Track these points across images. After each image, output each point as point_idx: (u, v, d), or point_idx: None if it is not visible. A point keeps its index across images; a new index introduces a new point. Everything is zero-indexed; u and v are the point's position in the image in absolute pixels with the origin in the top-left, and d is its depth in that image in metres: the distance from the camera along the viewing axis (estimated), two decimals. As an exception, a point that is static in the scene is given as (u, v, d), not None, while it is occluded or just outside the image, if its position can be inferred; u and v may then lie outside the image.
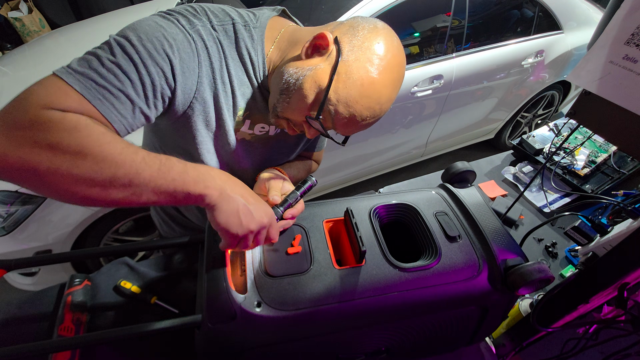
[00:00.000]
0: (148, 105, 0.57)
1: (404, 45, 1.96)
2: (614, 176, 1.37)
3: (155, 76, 0.56)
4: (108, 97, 0.51)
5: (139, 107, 0.56)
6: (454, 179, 0.87)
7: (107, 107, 0.51)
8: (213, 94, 0.67)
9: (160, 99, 0.58)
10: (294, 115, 0.66)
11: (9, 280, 1.64)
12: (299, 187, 0.70)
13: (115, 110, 0.52)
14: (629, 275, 0.63)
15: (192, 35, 0.60)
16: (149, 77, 0.55)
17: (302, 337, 0.61)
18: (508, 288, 0.66)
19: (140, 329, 0.57)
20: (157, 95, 0.58)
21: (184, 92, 0.62)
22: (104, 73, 0.51)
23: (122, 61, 0.53)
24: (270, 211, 0.61)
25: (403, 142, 2.31)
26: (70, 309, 0.78)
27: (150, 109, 0.58)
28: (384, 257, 0.66)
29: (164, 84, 0.57)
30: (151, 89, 0.56)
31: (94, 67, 0.51)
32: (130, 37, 0.54)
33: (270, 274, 0.62)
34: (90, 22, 2.37)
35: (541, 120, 3.00)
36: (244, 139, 0.78)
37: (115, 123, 0.53)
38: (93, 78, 0.51)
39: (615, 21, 0.55)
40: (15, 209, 1.41)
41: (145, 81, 0.55)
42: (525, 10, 2.31)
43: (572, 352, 0.84)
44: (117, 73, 0.52)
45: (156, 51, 0.55)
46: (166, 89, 0.58)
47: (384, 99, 0.63)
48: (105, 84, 0.51)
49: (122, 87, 0.52)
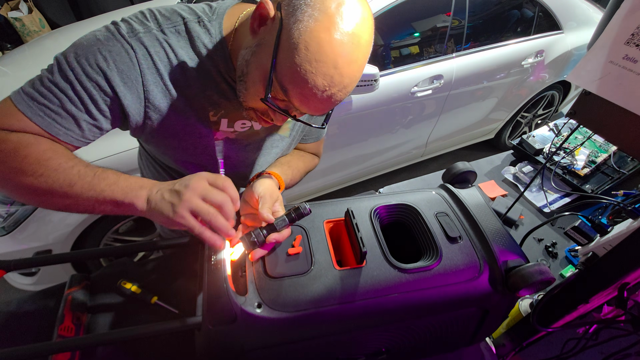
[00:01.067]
0: (93, 118, 0.60)
1: (404, 45, 1.97)
2: (614, 176, 1.37)
3: (92, 90, 0.58)
4: (48, 113, 0.56)
5: (84, 120, 0.59)
6: (455, 180, 0.87)
7: (48, 123, 0.57)
8: (169, 101, 0.65)
9: (105, 109, 0.60)
10: (255, 102, 0.61)
11: (9, 280, 1.64)
12: (290, 214, 0.64)
13: (58, 125, 0.57)
14: (629, 275, 0.63)
15: (131, 44, 0.59)
16: (85, 91, 0.57)
17: (303, 339, 0.61)
18: (509, 289, 0.66)
19: (141, 329, 0.57)
20: (100, 107, 0.60)
21: (132, 102, 0.62)
22: (44, 92, 0.56)
23: (59, 79, 0.56)
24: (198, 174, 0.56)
25: (403, 142, 2.31)
26: (70, 309, 0.78)
27: (98, 120, 0.61)
28: (384, 258, 0.66)
29: (103, 95, 0.59)
30: (90, 102, 0.58)
31: (36, 88, 0.56)
32: (68, 55, 0.57)
33: (271, 275, 0.62)
34: (90, 22, 2.37)
35: (541, 120, 3.00)
36: (228, 137, 0.74)
37: (61, 137, 0.58)
38: (35, 97, 0.56)
39: (615, 21, 0.55)
40: (15, 209, 1.41)
41: (82, 96, 0.57)
42: (525, 10, 2.31)
43: (572, 352, 0.84)
44: (54, 91, 0.56)
45: (90, 66, 0.57)
46: (107, 100, 0.60)
47: (341, 62, 0.52)
48: (45, 102, 0.56)
49: (60, 104, 0.57)
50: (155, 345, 0.78)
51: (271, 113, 0.63)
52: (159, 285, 0.89)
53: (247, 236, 0.63)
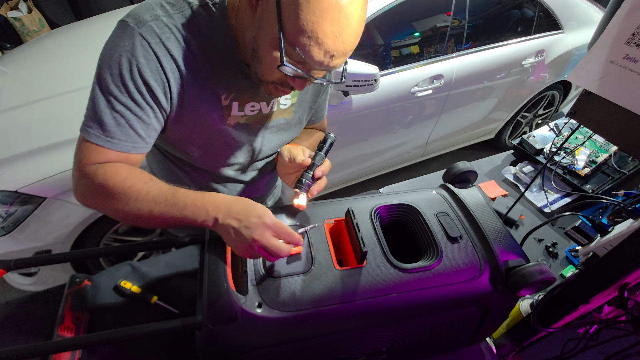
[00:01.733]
0: (145, 122, 0.65)
1: (404, 45, 1.97)
2: (615, 176, 1.37)
3: (134, 97, 0.62)
4: (113, 136, 0.63)
5: (140, 129, 0.65)
6: (455, 179, 0.86)
7: (117, 145, 0.64)
8: (183, 88, 0.67)
9: (148, 108, 0.64)
10: (272, 73, 0.62)
11: (8, 280, 1.64)
12: (322, 147, 0.74)
13: (125, 143, 0.64)
14: (630, 275, 0.63)
15: (143, 35, 0.60)
16: (128, 103, 0.62)
17: (303, 338, 0.61)
18: (509, 289, 0.66)
19: (141, 329, 0.57)
20: (145, 110, 0.64)
21: (162, 91, 0.65)
22: (100, 119, 0.62)
23: (103, 103, 0.61)
24: (263, 220, 0.60)
25: (403, 142, 2.31)
26: (70, 309, 0.78)
27: (149, 123, 0.66)
28: (385, 257, 0.66)
29: (142, 98, 0.63)
30: (137, 108, 0.63)
31: (94, 118, 0.62)
32: (101, 74, 0.61)
33: (271, 275, 0.61)
34: (90, 22, 2.37)
35: (541, 120, 3.00)
36: (239, 123, 0.76)
37: (131, 151, 0.65)
38: (97, 127, 0.62)
39: (615, 21, 0.55)
40: (15, 209, 1.41)
41: (130, 106, 0.62)
42: (525, 10, 2.30)
43: (572, 353, 0.83)
44: (106, 115, 0.62)
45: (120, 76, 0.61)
46: (148, 98, 0.63)
47: (343, 3, 0.53)
48: (106, 127, 0.62)
49: (116, 123, 0.62)
50: (155, 345, 0.78)
51: (290, 80, 0.63)
52: (159, 285, 0.89)
53: (298, 184, 0.72)
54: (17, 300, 0.84)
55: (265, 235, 0.58)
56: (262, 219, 0.59)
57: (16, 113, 1.59)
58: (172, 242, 0.75)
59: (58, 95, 1.65)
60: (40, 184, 1.38)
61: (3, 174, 1.40)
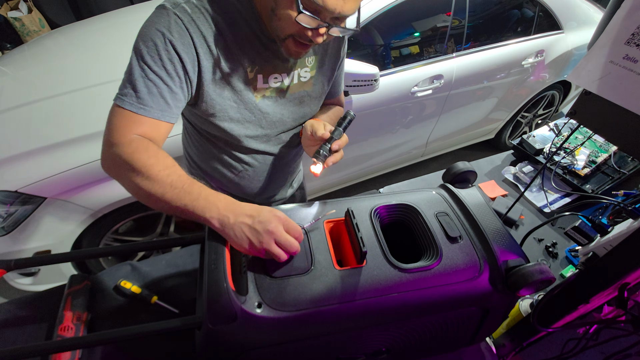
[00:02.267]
0: (173, 90, 0.70)
1: (404, 45, 1.97)
2: (615, 176, 1.37)
3: (166, 66, 0.68)
4: (145, 103, 0.68)
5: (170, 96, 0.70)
6: (455, 179, 0.86)
7: (148, 111, 0.68)
8: (214, 63, 0.73)
9: (177, 79, 0.70)
10: (289, 26, 0.68)
11: (8, 280, 1.64)
12: (341, 123, 0.83)
13: (156, 110, 0.69)
14: (630, 275, 0.63)
15: (176, 13, 0.67)
16: (160, 70, 0.68)
17: (303, 338, 0.61)
18: (509, 289, 0.66)
19: (140, 329, 0.57)
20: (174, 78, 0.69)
21: (191, 67, 0.71)
22: (136, 85, 0.67)
23: (137, 70, 0.67)
24: (275, 214, 0.62)
25: (403, 142, 2.31)
26: (70, 309, 0.78)
27: (178, 88, 0.71)
28: (384, 257, 0.66)
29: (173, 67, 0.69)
30: (169, 78, 0.69)
31: (129, 85, 0.67)
32: (137, 46, 0.68)
33: (271, 275, 0.61)
34: (90, 22, 2.37)
35: (541, 120, 3.00)
36: (264, 95, 0.83)
37: (161, 119, 0.70)
38: (132, 94, 0.67)
39: (615, 21, 0.55)
40: (15, 209, 1.41)
41: (162, 75, 0.68)
42: (525, 10, 2.30)
43: (572, 353, 0.83)
44: (139, 82, 0.67)
45: (155, 46, 0.67)
46: (178, 69, 0.69)
47: None
48: (139, 94, 0.67)
49: (147, 90, 0.67)
50: (155, 345, 0.78)
51: (309, 33, 0.69)
52: (159, 285, 0.89)
53: (316, 154, 0.80)
54: (17, 300, 0.84)
55: (279, 228, 0.60)
56: (274, 213, 0.62)
57: (16, 113, 1.59)
58: (172, 242, 0.75)
59: (58, 95, 1.65)
60: (40, 184, 1.38)
61: (3, 174, 1.40)
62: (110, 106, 0.70)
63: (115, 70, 1.76)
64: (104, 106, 1.73)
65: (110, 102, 0.70)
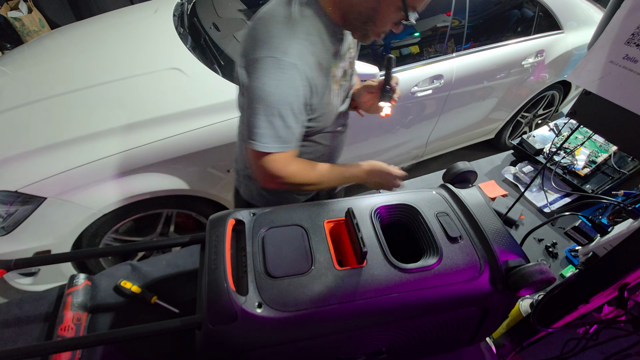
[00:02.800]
0: (303, 125, 0.86)
1: (404, 45, 1.97)
2: (614, 176, 1.37)
3: (302, 115, 0.83)
4: (289, 141, 0.83)
5: (300, 131, 0.86)
6: (455, 179, 0.87)
7: (290, 146, 0.84)
8: (319, 81, 0.83)
9: (306, 114, 0.85)
10: (384, 28, 0.83)
11: (8, 280, 1.64)
12: (388, 67, 0.93)
13: (295, 144, 0.85)
14: (629, 275, 0.63)
15: (297, 65, 0.75)
16: (299, 117, 0.82)
17: (303, 338, 0.61)
18: (509, 289, 0.66)
19: (141, 329, 0.57)
20: (304, 116, 0.85)
21: (311, 96, 0.82)
22: (280, 135, 0.80)
23: (277, 120, 0.79)
24: (381, 166, 0.98)
25: (403, 142, 2.31)
26: (70, 309, 0.78)
27: (304, 122, 0.87)
28: (385, 257, 0.66)
29: (303, 109, 0.82)
30: (302, 118, 0.84)
31: (275, 136, 0.80)
32: (276, 104, 0.78)
33: (271, 275, 0.61)
34: (90, 22, 2.36)
35: (541, 120, 3.00)
36: (340, 83, 0.94)
37: (296, 147, 0.86)
38: (273, 138, 0.80)
39: (615, 21, 0.55)
40: (15, 209, 1.41)
41: (298, 119, 0.82)
42: (525, 10, 2.30)
43: (572, 353, 0.83)
44: (285, 131, 0.81)
45: (296, 99, 0.79)
46: (304, 109, 0.83)
47: None
48: (286, 139, 0.82)
49: (293, 134, 0.83)
50: (155, 345, 0.78)
51: (394, 28, 0.83)
52: (159, 285, 0.89)
53: (382, 98, 0.95)
54: (17, 300, 0.84)
55: (389, 169, 0.98)
56: (381, 165, 0.99)
57: (16, 113, 1.59)
58: (172, 242, 0.75)
59: (58, 95, 1.64)
60: (40, 184, 1.38)
61: (3, 174, 1.40)
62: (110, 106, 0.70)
63: (116, 70, 1.76)
64: (104, 106, 1.72)
65: (110, 102, 0.70)
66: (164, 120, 1.52)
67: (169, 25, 2.03)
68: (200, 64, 1.76)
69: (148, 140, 1.47)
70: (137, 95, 1.62)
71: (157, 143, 1.48)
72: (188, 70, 1.72)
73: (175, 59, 1.79)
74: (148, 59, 1.82)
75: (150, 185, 1.53)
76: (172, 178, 1.57)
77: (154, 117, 1.51)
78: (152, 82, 1.69)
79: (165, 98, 1.61)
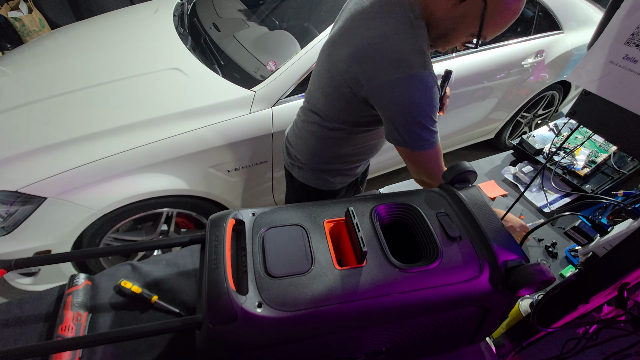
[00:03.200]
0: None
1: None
2: (614, 176, 1.37)
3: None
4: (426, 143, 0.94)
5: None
6: (455, 179, 0.87)
7: (421, 146, 0.95)
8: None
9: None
10: (451, 45, 0.94)
11: (9, 280, 1.64)
12: (444, 82, 1.13)
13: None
14: (629, 275, 0.63)
15: (428, 70, 0.86)
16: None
17: (303, 338, 0.61)
18: (509, 289, 0.66)
19: (141, 329, 0.57)
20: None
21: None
22: (424, 134, 0.92)
23: (427, 126, 0.91)
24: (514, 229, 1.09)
25: (403, 142, 2.31)
26: (70, 309, 0.78)
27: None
28: (385, 257, 0.66)
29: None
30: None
31: (429, 137, 0.93)
32: (424, 113, 0.89)
33: (271, 275, 0.62)
34: (90, 22, 2.36)
35: (541, 120, 3.00)
36: None
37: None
38: (435, 140, 0.94)
39: (615, 21, 0.55)
40: (15, 209, 1.41)
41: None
42: (525, 10, 2.30)
43: (572, 352, 0.84)
44: (425, 132, 0.92)
45: (436, 103, 0.90)
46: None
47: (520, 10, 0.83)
48: (436, 137, 0.94)
49: (433, 139, 0.94)
50: (155, 345, 0.78)
51: (460, 47, 0.95)
52: (159, 285, 0.89)
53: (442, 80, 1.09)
54: (17, 300, 0.84)
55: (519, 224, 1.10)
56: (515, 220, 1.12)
57: (16, 113, 1.59)
58: (172, 242, 0.75)
59: (58, 95, 1.65)
60: (40, 184, 1.38)
61: (3, 174, 1.40)
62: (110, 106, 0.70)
63: (116, 70, 1.76)
64: (104, 106, 1.72)
65: (110, 102, 0.70)
66: (164, 120, 1.52)
67: (169, 25, 2.04)
68: (200, 64, 1.76)
69: (148, 140, 1.47)
70: (137, 95, 1.62)
71: (157, 143, 1.48)
72: (188, 70, 1.73)
73: (175, 59, 1.80)
74: (148, 59, 1.83)
75: (151, 185, 1.53)
76: (172, 178, 1.57)
77: (154, 117, 1.52)
78: (152, 82, 1.69)
79: (165, 98, 1.61)
